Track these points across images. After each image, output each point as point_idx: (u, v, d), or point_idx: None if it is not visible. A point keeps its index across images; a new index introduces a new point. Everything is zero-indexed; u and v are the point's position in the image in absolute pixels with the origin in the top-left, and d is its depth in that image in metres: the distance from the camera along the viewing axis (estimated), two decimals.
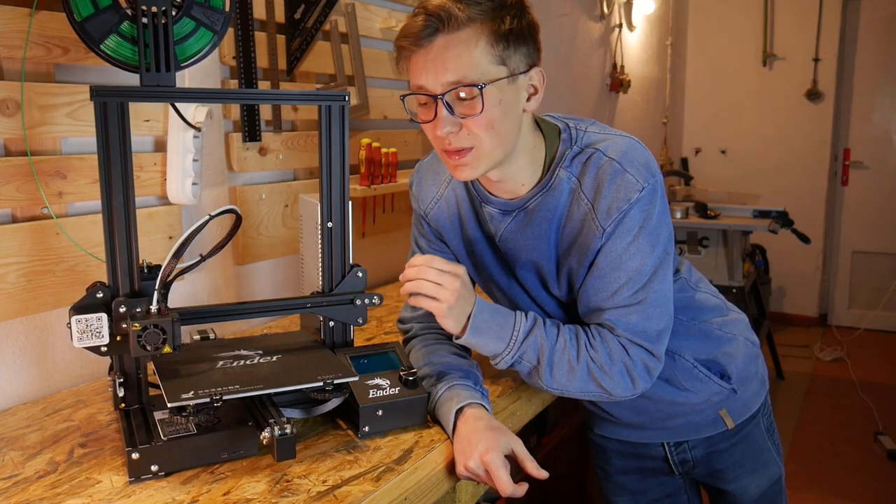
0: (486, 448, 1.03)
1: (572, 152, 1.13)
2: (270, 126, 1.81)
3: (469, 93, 1.02)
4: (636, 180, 1.07)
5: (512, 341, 1.13)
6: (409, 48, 1.05)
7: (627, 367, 1.12)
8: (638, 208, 1.08)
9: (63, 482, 0.98)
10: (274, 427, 0.95)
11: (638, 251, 1.09)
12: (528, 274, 1.22)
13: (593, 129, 1.16)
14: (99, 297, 1.06)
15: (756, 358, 1.37)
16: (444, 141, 1.07)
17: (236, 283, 1.78)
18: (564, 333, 1.14)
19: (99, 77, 1.42)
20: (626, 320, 1.12)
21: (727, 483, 1.38)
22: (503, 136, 1.07)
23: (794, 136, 4.99)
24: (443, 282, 1.08)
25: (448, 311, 1.09)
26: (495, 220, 1.20)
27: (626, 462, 1.44)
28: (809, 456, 3.21)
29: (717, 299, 1.37)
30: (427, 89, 1.04)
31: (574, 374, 1.12)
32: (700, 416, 1.33)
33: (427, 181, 1.30)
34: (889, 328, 4.93)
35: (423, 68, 1.04)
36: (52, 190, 1.32)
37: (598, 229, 1.10)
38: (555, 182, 1.14)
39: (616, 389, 1.13)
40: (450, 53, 1.02)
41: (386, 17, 2.15)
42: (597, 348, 1.13)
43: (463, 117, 1.04)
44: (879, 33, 4.79)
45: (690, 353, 1.28)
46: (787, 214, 3.64)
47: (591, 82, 3.83)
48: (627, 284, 1.11)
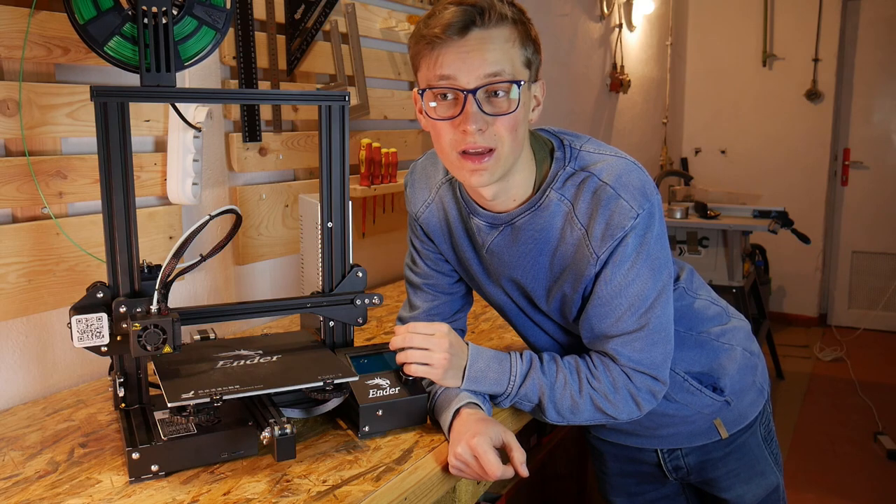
0: (473, 433, 1.04)
1: (565, 173, 1.10)
2: (270, 126, 1.81)
3: (507, 89, 1.00)
4: (630, 207, 1.05)
5: (510, 386, 1.14)
6: (441, 37, 0.99)
7: (632, 392, 1.12)
8: (634, 235, 1.06)
9: (63, 482, 0.98)
10: (274, 427, 0.95)
11: (637, 277, 1.08)
12: (513, 289, 1.22)
13: (588, 148, 1.13)
14: (99, 297, 1.06)
15: (754, 368, 1.35)
16: (467, 139, 1.01)
17: (236, 283, 1.78)
18: (563, 369, 1.14)
19: (99, 77, 1.42)
20: (629, 349, 1.11)
21: (722, 491, 1.37)
22: (519, 142, 1.04)
23: (793, 136, 4.99)
24: (430, 346, 1.09)
25: (444, 374, 1.10)
26: (482, 232, 1.18)
27: (621, 465, 1.44)
28: (809, 456, 3.21)
29: (717, 307, 1.35)
30: (457, 82, 1.00)
31: (578, 407, 1.13)
32: (692, 426, 1.32)
33: (419, 184, 1.28)
34: (889, 328, 4.93)
35: (457, 59, 0.99)
36: (53, 190, 1.32)
37: (593, 256, 1.08)
38: (545, 202, 1.11)
39: (621, 415, 1.14)
40: (489, 47, 0.99)
41: (386, 17, 2.15)
42: (599, 378, 1.12)
43: (492, 115, 1.01)
44: (879, 33, 4.79)
45: (683, 365, 1.27)
46: (787, 214, 3.64)
47: (591, 82, 3.83)
48: (630, 311, 1.09)
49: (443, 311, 1.31)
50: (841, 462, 3.16)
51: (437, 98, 1.03)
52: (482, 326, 1.74)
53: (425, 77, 1.04)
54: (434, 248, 1.30)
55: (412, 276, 1.32)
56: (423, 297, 1.31)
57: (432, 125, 1.05)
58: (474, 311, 1.79)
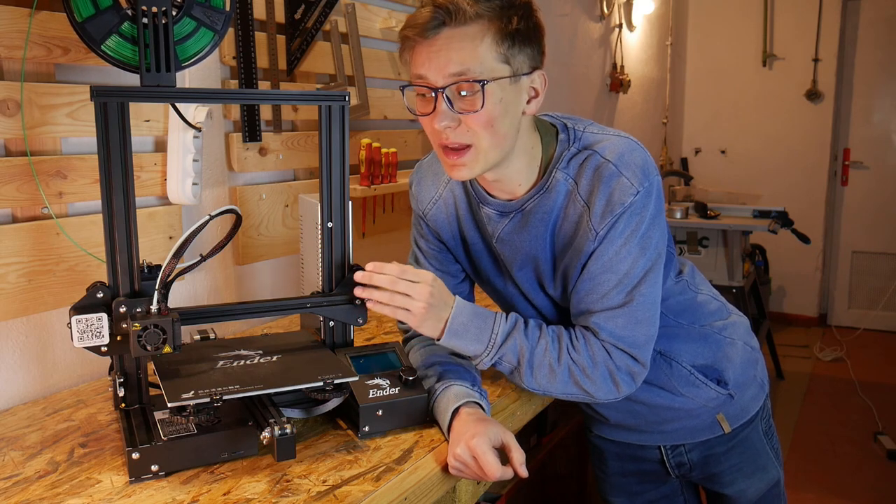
0: (472, 434, 1.04)
1: (570, 153, 1.13)
2: (270, 126, 1.81)
3: (470, 88, 1.02)
4: (631, 184, 1.07)
5: (490, 343, 1.13)
6: (414, 38, 1.04)
7: (611, 371, 1.12)
8: (631, 212, 1.08)
9: (63, 482, 0.98)
10: (274, 427, 0.95)
11: (628, 254, 1.10)
12: (525, 275, 1.22)
13: (591, 130, 1.16)
14: (99, 297, 1.06)
15: (755, 363, 1.36)
16: (442, 135, 1.06)
17: (236, 283, 1.78)
18: (546, 335, 1.15)
19: (99, 77, 1.42)
20: (612, 325, 1.11)
21: (724, 487, 1.38)
22: (501, 136, 1.06)
23: (793, 136, 4.99)
24: (413, 292, 1.09)
25: (422, 322, 1.10)
26: (493, 221, 1.20)
27: (622, 464, 1.44)
28: (809, 456, 3.21)
29: (718, 302, 1.37)
30: (428, 81, 1.04)
31: (555, 375, 1.13)
32: (696, 421, 1.32)
33: (426, 181, 1.30)
34: (889, 328, 4.93)
35: (427, 59, 1.03)
36: (53, 190, 1.32)
37: (592, 232, 1.10)
38: (551, 183, 1.13)
39: (598, 393, 1.13)
40: (454, 46, 1.02)
41: (386, 17, 2.15)
42: (579, 350, 1.13)
43: (462, 113, 1.04)
44: (879, 33, 4.79)
45: (688, 358, 1.27)
46: (787, 214, 3.64)
47: (591, 82, 3.83)
48: (616, 287, 1.11)
49: None
50: (841, 462, 3.16)
51: (417, 96, 1.08)
52: None
53: (409, 75, 1.09)
54: (440, 246, 1.30)
55: None
56: None
57: (420, 120, 1.10)
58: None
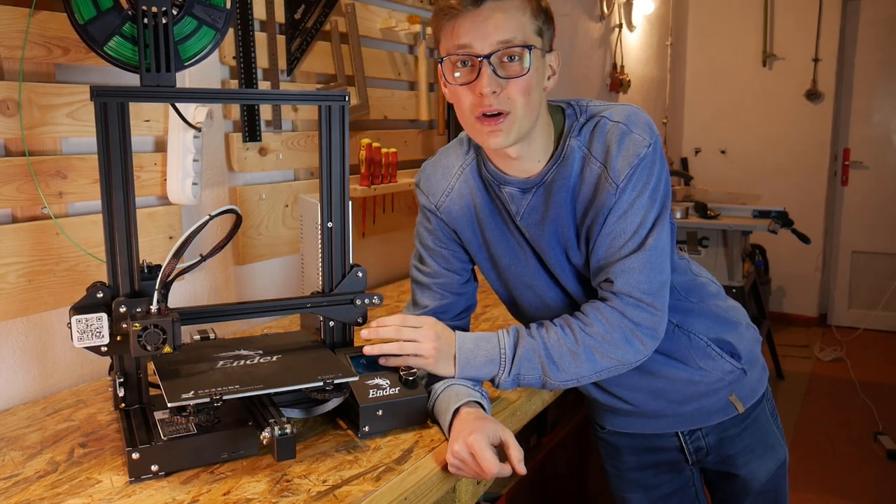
0: (470, 431, 1.05)
1: (579, 123, 1.19)
2: (270, 126, 1.81)
3: (518, 54, 1.08)
4: (643, 138, 1.13)
5: (502, 359, 1.17)
6: (458, 8, 1.08)
7: (629, 330, 1.16)
8: (646, 163, 1.14)
9: (63, 482, 0.98)
10: (274, 427, 0.95)
11: (641, 206, 1.15)
12: (551, 248, 1.24)
13: (594, 103, 1.22)
14: (99, 297, 1.06)
15: (758, 342, 1.42)
16: (484, 102, 1.09)
17: (236, 283, 1.78)
18: (553, 326, 1.18)
19: (99, 77, 1.42)
20: (628, 272, 1.15)
21: (738, 468, 1.41)
22: (533, 105, 1.12)
23: (793, 136, 4.99)
24: (419, 337, 1.16)
25: (436, 363, 1.16)
26: (516, 199, 1.22)
27: (639, 457, 1.46)
28: (809, 456, 3.21)
29: (716, 286, 1.42)
30: (473, 49, 1.08)
31: (578, 357, 1.16)
32: (712, 400, 1.35)
33: (436, 176, 1.30)
34: (889, 328, 4.92)
35: (472, 27, 1.08)
36: (53, 190, 1.32)
37: (612, 185, 1.14)
38: (567, 152, 1.18)
39: (626, 356, 1.17)
40: (501, 15, 1.07)
41: (386, 17, 2.15)
42: (591, 323, 1.16)
43: (506, 78, 1.08)
44: (879, 33, 4.79)
45: (703, 330, 1.32)
46: (786, 214, 3.64)
47: (591, 82, 3.83)
48: (632, 237, 1.15)
49: (450, 310, 1.31)
50: (841, 462, 3.16)
51: (457, 66, 1.11)
52: (482, 326, 1.74)
53: (445, 47, 1.12)
54: (448, 243, 1.30)
55: (419, 276, 1.32)
56: (430, 296, 1.31)
57: (454, 92, 1.13)
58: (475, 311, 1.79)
